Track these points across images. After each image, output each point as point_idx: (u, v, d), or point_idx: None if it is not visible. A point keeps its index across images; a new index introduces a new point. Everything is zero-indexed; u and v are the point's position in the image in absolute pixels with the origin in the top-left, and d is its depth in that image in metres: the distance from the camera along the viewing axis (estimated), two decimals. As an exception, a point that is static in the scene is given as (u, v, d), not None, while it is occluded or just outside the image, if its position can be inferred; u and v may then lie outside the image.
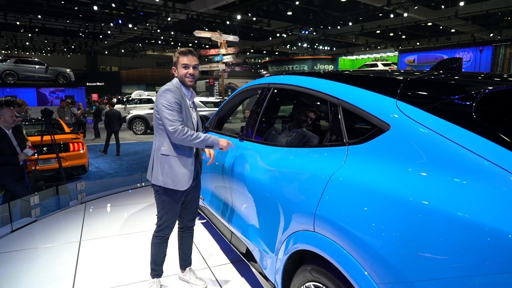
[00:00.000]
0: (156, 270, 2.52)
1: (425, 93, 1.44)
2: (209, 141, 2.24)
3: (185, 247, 2.64)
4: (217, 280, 2.73)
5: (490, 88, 1.28)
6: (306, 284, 1.59)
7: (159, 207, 2.37)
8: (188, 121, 2.27)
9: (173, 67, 2.31)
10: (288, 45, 27.33)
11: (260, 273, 2.13)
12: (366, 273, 1.21)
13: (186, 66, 2.23)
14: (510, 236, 0.90)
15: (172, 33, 23.53)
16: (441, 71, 1.82)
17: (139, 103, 18.12)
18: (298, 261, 1.72)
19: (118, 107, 19.14)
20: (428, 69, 2.00)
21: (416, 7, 16.51)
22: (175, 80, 2.30)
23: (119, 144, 9.48)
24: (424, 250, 1.06)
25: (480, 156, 1.06)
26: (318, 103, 2.81)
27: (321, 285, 1.49)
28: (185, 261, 2.68)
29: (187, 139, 2.16)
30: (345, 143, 1.56)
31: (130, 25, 18.47)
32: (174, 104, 2.16)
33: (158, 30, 21.79)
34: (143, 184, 5.64)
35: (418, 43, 24.77)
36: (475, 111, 1.19)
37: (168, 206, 2.33)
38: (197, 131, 2.36)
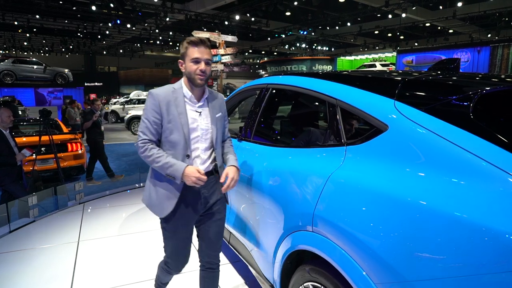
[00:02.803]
0: None
1: (423, 94, 1.45)
2: (169, 170, 1.72)
3: None
4: (215, 280, 2.73)
5: (488, 88, 1.29)
6: (305, 284, 1.59)
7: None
8: (176, 130, 1.78)
9: (180, 60, 1.83)
10: (287, 46, 27.31)
11: (259, 273, 2.13)
12: (364, 273, 1.21)
13: (196, 61, 1.76)
14: (507, 236, 0.90)
15: (171, 33, 23.49)
16: (439, 72, 1.83)
17: (138, 103, 18.08)
18: (296, 261, 1.72)
19: (116, 107, 19.21)
20: (426, 70, 2.01)
21: (414, 8, 16.55)
22: (182, 80, 1.87)
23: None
24: (422, 250, 1.06)
25: (477, 156, 1.07)
26: (317, 103, 2.82)
27: (319, 285, 1.49)
28: None
29: (147, 159, 1.76)
30: (343, 143, 1.56)
31: (128, 25, 18.41)
32: (149, 111, 1.78)
33: (157, 30, 21.75)
34: (141, 184, 5.63)
35: (416, 44, 24.79)
36: (472, 111, 1.19)
37: (165, 233, 1.94)
38: (211, 145, 1.89)
